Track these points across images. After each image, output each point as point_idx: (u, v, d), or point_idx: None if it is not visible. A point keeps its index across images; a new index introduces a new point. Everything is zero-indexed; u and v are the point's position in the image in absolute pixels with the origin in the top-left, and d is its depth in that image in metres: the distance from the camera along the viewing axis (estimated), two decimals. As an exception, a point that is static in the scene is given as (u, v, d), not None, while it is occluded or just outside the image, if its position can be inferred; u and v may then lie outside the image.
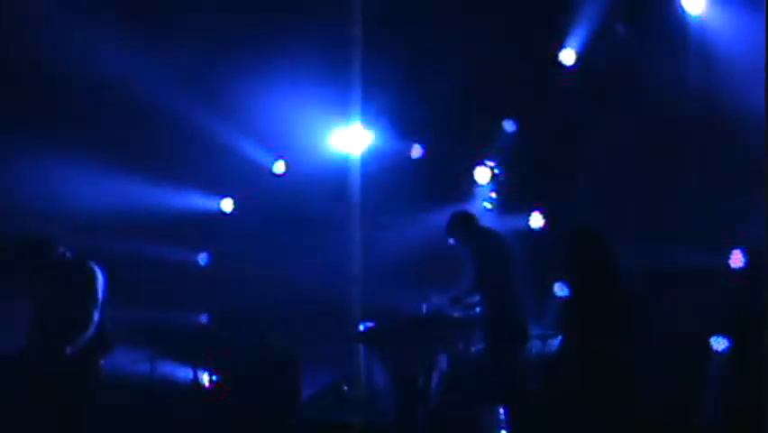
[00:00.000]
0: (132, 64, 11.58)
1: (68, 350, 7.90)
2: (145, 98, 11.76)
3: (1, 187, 10.62)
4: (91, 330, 7.99)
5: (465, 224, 10.28)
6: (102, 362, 8.20)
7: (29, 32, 11.23)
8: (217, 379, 11.95)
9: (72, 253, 8.28)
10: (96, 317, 8.03)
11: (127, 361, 10.89)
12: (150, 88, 11.81)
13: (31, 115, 11.37)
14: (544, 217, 11.94)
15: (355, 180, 12.73)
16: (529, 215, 11.98)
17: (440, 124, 12.11)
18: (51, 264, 8.17)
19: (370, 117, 12.62)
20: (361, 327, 11.04)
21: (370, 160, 12.78)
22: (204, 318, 13.17)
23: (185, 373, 11.89)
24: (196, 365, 11.94)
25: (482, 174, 12.41)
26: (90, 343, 8.03)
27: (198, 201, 13.34)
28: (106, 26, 11.35)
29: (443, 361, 10.54)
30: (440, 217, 11.02)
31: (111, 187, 11.91)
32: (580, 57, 11.47)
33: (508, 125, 12.18)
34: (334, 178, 12.85)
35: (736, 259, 10.00)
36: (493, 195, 12.13)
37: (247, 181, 13.35)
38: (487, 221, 10.75)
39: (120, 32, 11.43)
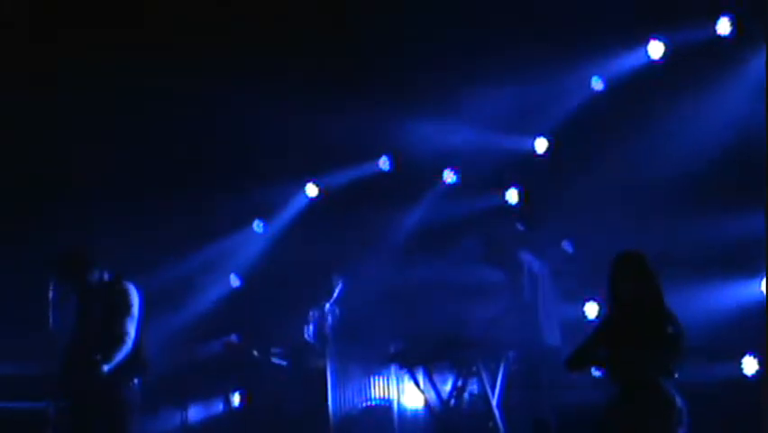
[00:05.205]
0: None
1: (106, 367, 7.97)
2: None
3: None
4: (129, 347, 8.07)
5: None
6: (137, 380, 8.26)
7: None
8: (247, 398, 12.06)
9: (110, 274, 8.38)
10: (133, 334, 8.12)
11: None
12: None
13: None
14: (574, 243, 11.94)
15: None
16: (561, 238, 12.00)
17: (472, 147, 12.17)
18: (89, 283, 8.27)
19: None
20: (392, 349, 11.10)
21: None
22: (234, 338, 13.23)
23: (216, 405, 12.05)
24: (227, 385, 12.06)
25: (512, 195, 12.46)
26: (127, 361, 8.10)
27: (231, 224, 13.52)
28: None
29: (475, 381, 10.58)
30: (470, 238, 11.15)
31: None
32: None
33: (539, 146, 12.22)
34: (364, 198, 12.99)
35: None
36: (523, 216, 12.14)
37: (280, 201, 13.51)
38: (519, 243, 10.82)
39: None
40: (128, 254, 10.00)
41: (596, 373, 10.40)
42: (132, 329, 8.12)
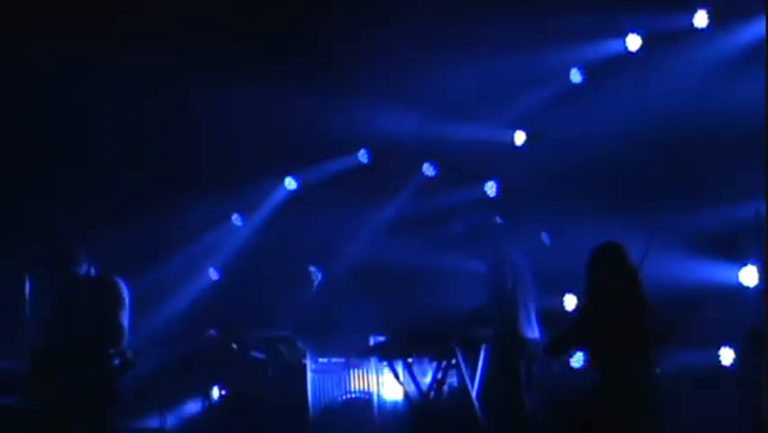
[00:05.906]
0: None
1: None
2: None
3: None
4: (126, 339, 8.06)
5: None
6: (121, 376, 8.25)
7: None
8: (227, 393, 12.06)
9: (97, 270, 8.35)
10: (126, 326, 8.10)
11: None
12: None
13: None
14: (553, 234, 11.97)
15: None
16: (539, 229, 12.02)
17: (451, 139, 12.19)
18: (76, 277, 8.24)
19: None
20: (372, 341, 11.12)
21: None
22: (213, 332, 13.24)
23: (195, 399, 12.07)
24: (207, 380, 12.07)
25: (491, 187, 12.48)
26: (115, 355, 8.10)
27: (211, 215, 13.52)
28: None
29: (454, 373, 10.60)
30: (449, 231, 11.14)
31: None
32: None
33: (518, 138, 12.23)
34: (343, 191, 13.00)
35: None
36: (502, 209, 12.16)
37: (259, 195, 13.52)
38: (498, 235, 10.84)
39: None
40: (107, 252, 10.02)
41: (575, 364, 10.50)
42: (125, 321, 8.12)
